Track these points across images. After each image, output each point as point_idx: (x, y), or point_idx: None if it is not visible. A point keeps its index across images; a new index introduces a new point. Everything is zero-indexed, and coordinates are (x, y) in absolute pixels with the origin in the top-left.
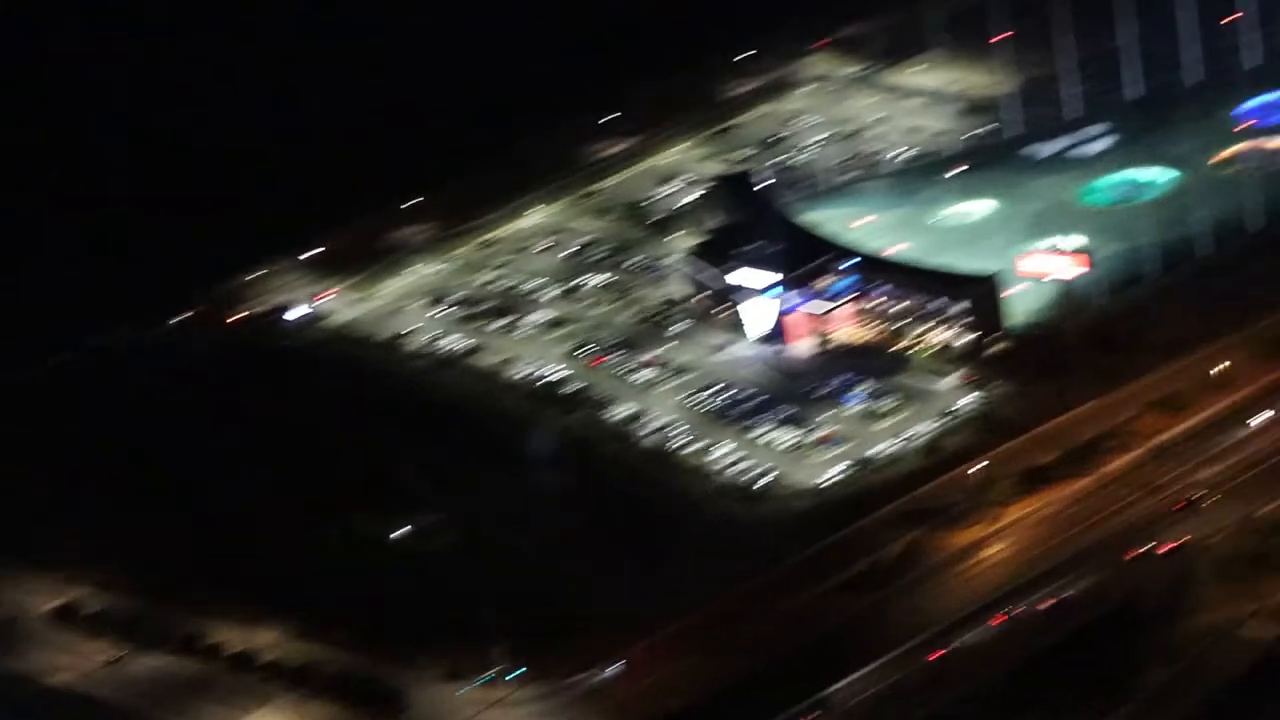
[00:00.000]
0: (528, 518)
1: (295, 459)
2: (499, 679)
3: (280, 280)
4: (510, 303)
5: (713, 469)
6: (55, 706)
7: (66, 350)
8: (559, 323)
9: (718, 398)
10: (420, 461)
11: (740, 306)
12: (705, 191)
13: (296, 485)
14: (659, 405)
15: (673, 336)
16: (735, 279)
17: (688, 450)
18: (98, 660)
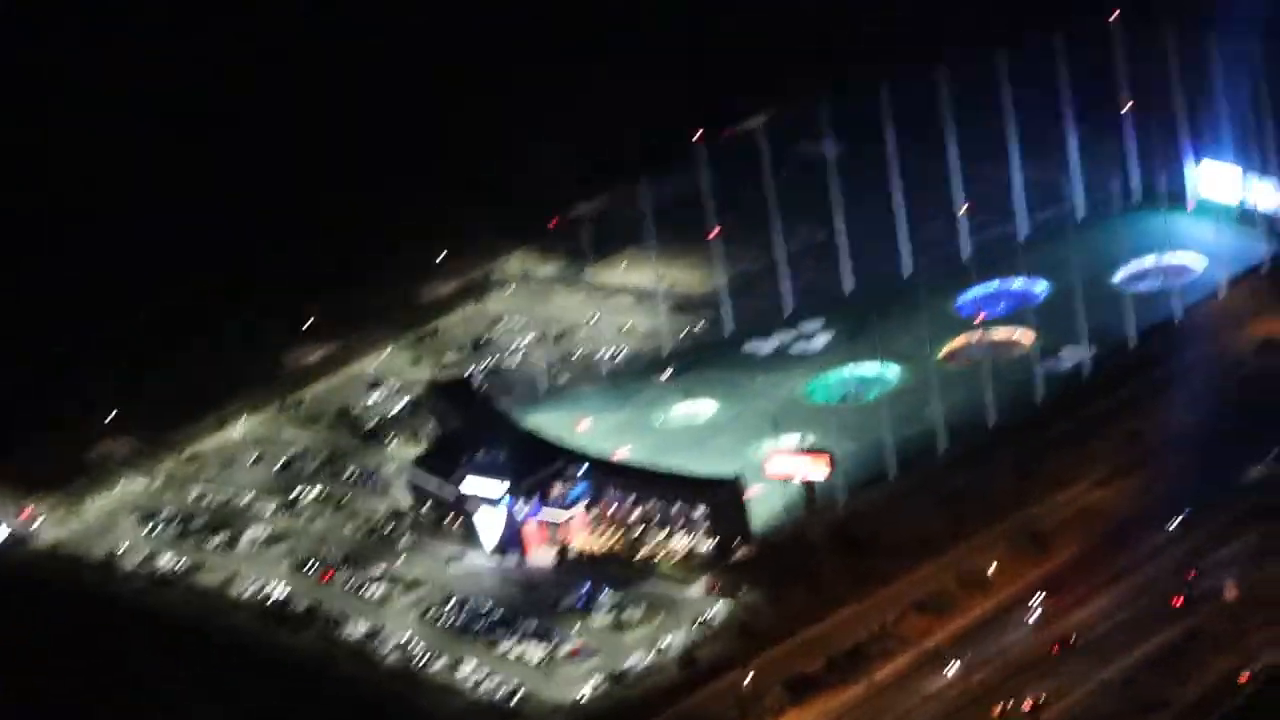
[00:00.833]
0: None
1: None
2: None
3: None
4: (226, 518)
5: (461, 687)
6: None
7: None
8: (279, 538)
9: (458, 612)
10: (143, 686)
11: (471, 517)
12: (419, 398)
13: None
14: (396, 621)
15: (402, 549)
16: (464, 489)
17: (432, 668)
18: None
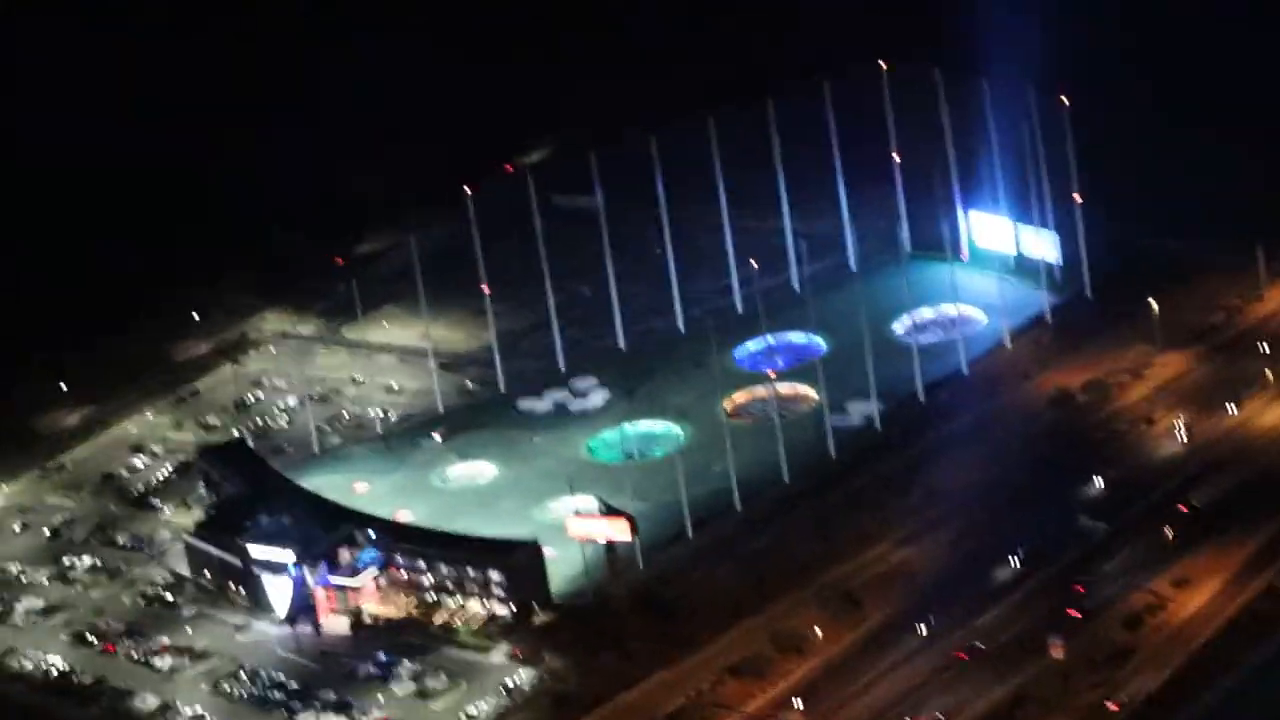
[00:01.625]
0: None
1: None
2: None
3: None
4: None
5: None
6: None
7: None
8: (55, 608)
9: (251, 683)
10: None
11: (257, 585)
12: (188, 461)
13: None
14: (187, 693)
15: (186, 619)
16: (249, 555)
17: None
18: None
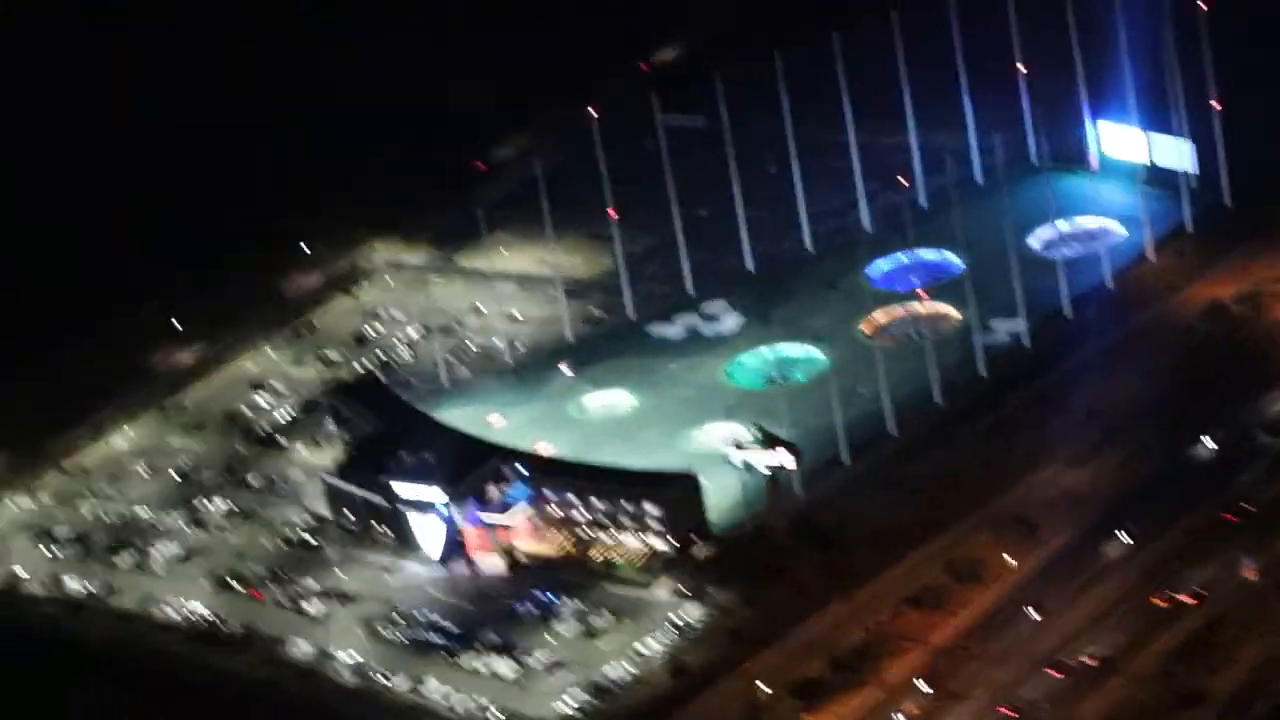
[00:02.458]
0: None
1: None
2: None
3: None
4: (129, 535)
5: (432, 706)
6: None
7: None
8: (193, 554)
9: (407, 626)
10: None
11: (404, 524)
12: (316, 398)
13: None
14: (342, 639)
15: (332, 561)
16: (395, 494)
17: (394, 687)
18: None
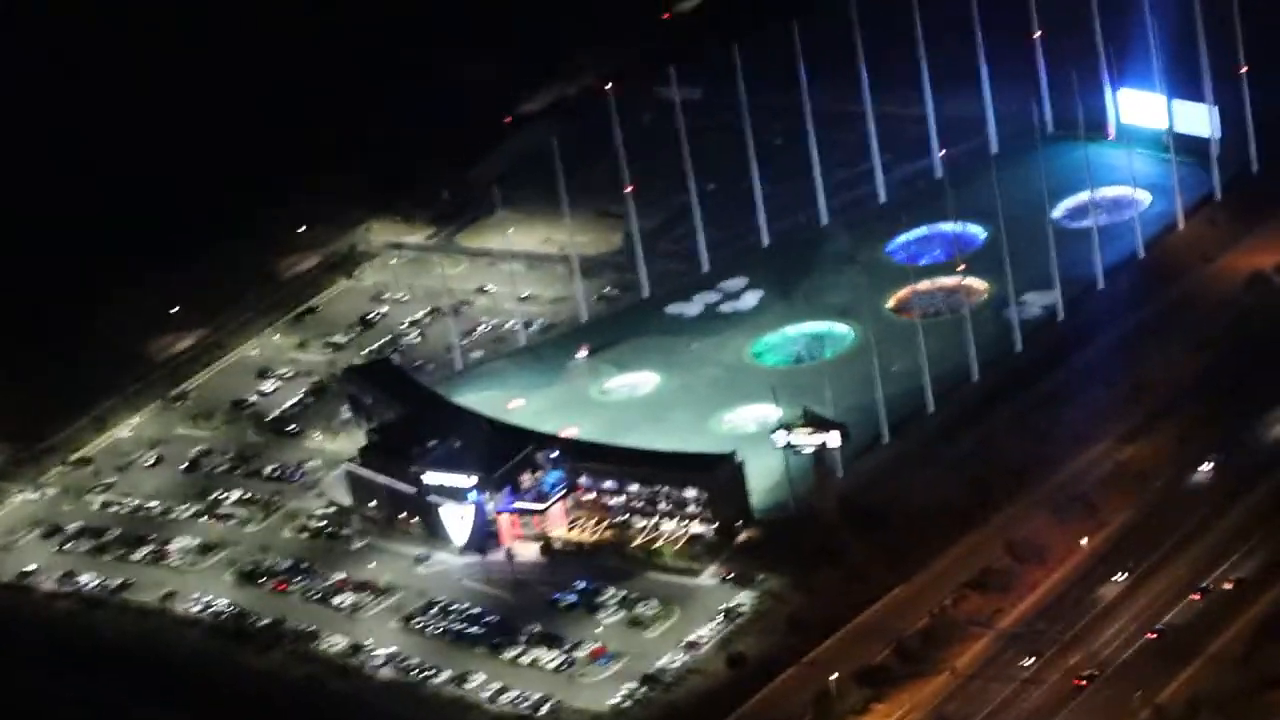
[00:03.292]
0: None
1: None
2: None
3: None
4: (143, 528)
5: (478, 700)
6: None
7: None
8: (212, 546)
9: (445, 618)
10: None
11: (434, 514)
12: (323, 383)
13: None
14: (376, 633)
15: (359, 552)
16: (424, 482)
17: (437, 681)
18: None
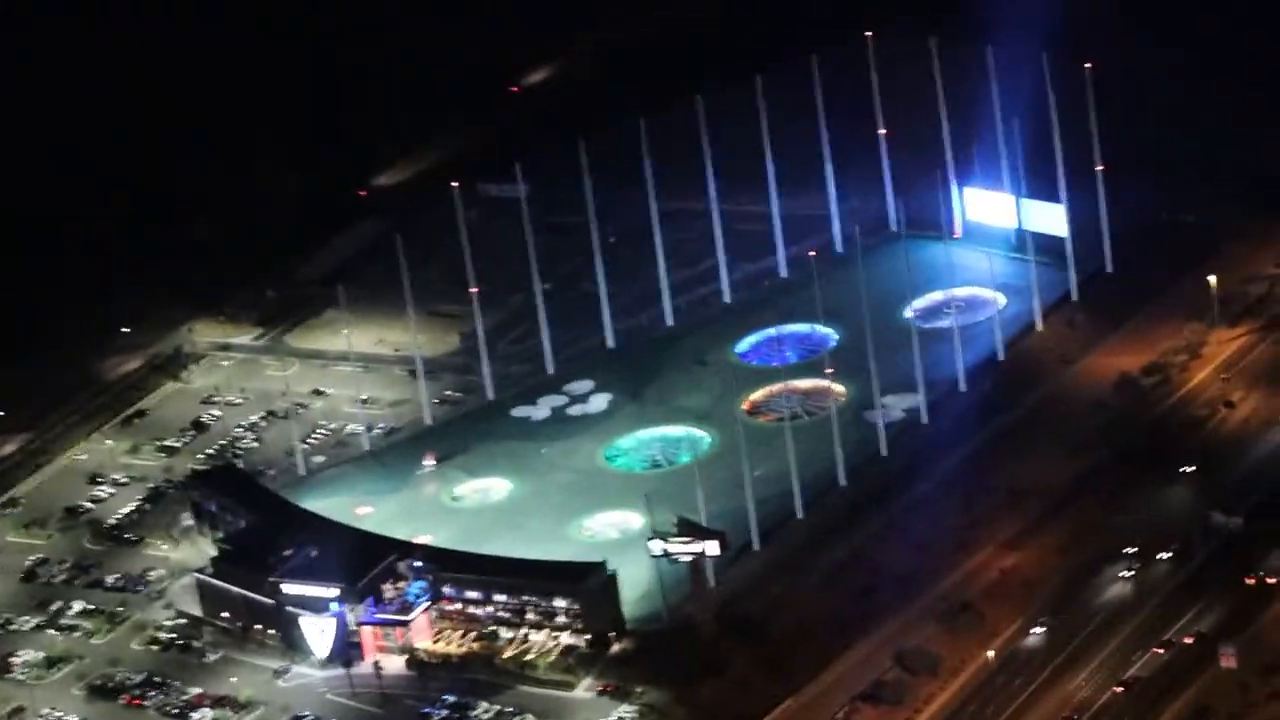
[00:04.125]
0: None
1: None
2: None
3: None
4: None
5: None
6: None
7: None
8: (58, 660)
9: None
10: None
11: (295, 624)
12: (159, 489)
13: None
14: None
15: (215, 665)
16: (283, 593)
17: None
18: None
